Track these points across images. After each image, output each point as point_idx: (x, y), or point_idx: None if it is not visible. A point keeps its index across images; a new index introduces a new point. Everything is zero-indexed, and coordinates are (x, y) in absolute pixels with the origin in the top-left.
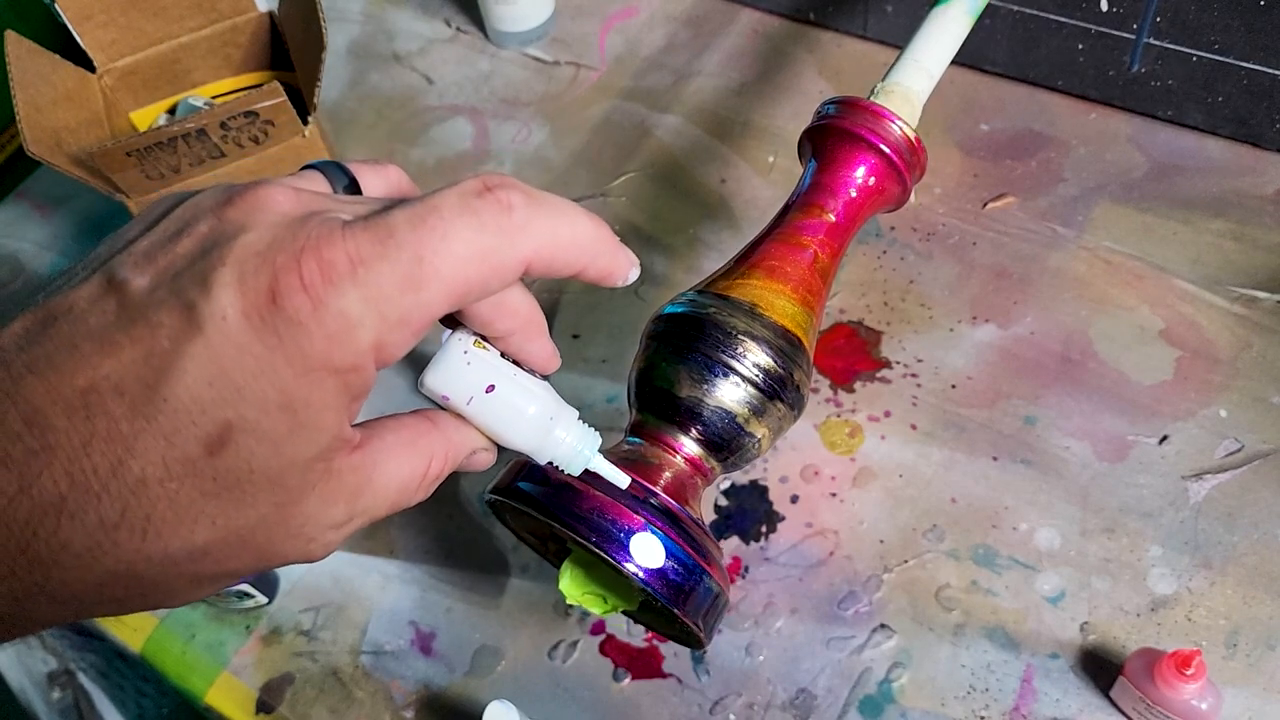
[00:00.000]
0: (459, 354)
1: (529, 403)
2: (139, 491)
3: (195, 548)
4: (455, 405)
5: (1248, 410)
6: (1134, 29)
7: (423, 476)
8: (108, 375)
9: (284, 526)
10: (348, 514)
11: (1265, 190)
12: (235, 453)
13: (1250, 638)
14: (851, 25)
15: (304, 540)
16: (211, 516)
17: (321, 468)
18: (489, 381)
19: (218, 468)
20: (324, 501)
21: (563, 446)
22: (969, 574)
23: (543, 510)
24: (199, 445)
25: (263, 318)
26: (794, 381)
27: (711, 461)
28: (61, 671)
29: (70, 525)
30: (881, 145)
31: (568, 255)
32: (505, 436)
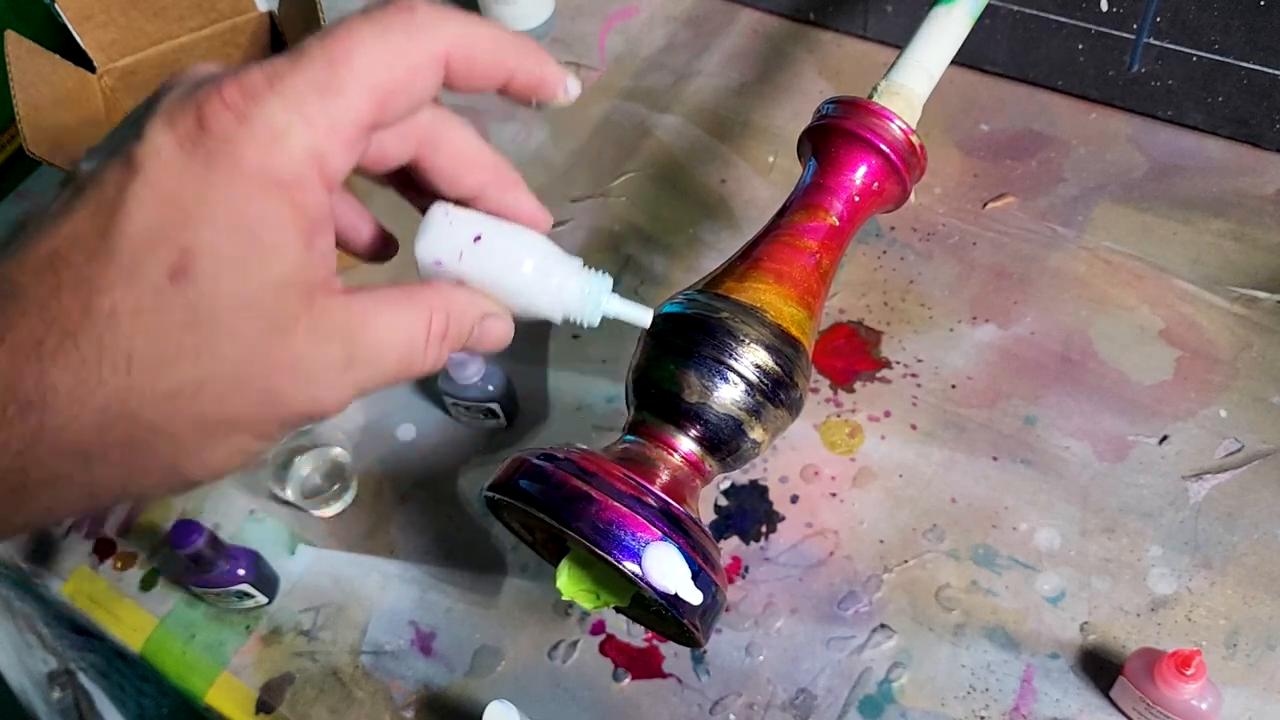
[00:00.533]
0: (441, 215)
1: (523, 252)
2: (112, 327)
3: (185, 382)
4: (449, 267)
5: (1248, 410)
6: (1134, 29)
7: (425, 332)
8: (66, 234)
9: (276, 362)
10: (346, 355)
11: (1265, 190)
12: (199, 279)
13: (1250, 638)
14: (851, 25)
15: (305, 381)
16: (194, 349)
17: (298, 301)
18: (475, 232)
19: (187, 296)
20: (315, 338)
21: (569, 295)
22: (969, 574)
23: (543, 510)
24: (162, 274)
25: (194, 142)
26: (793, 382)
27: (710, 461)
28: (62, 671)
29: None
30: (882, 145)
31: (486, 55)
32: (507, 292)
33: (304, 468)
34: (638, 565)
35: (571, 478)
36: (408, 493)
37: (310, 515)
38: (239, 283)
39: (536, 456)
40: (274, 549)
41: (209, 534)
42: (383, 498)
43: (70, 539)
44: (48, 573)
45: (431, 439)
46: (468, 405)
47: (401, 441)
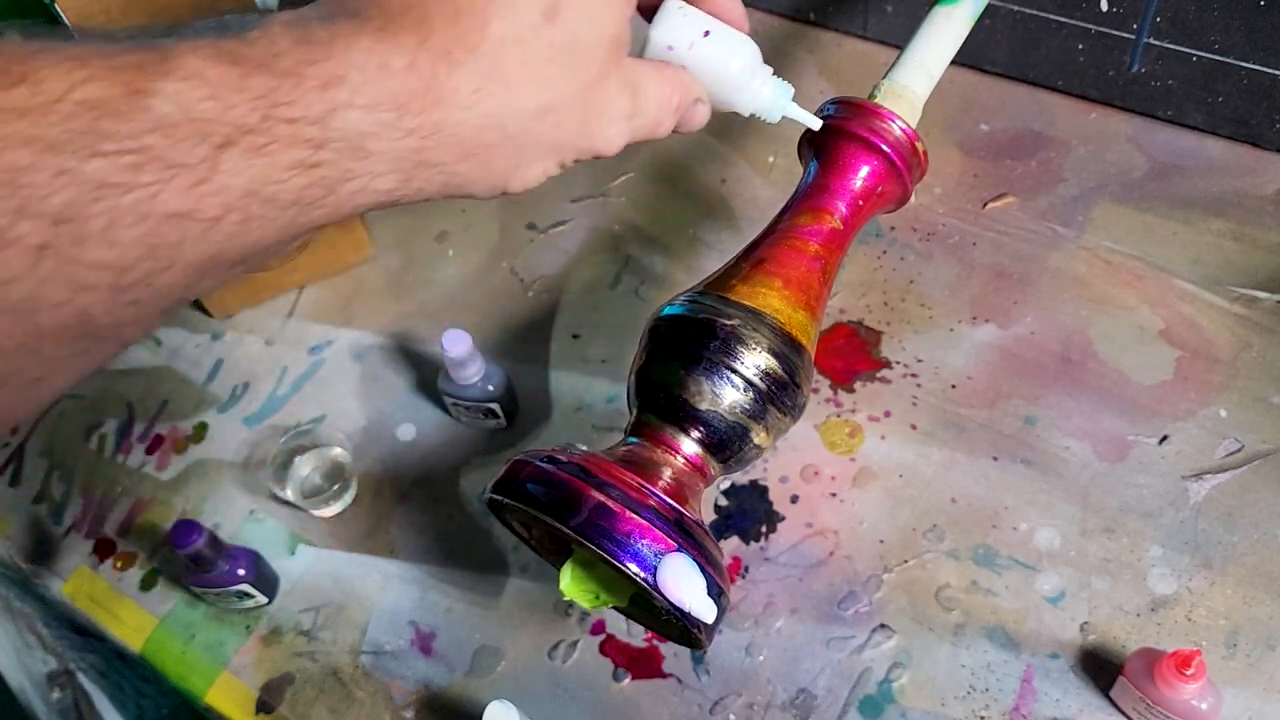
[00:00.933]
0: (676, 9)
1: (737, 51)
2: (501, 50)
3: (541, 104)
4: (679, 54)
5: (1248, 410)
6: (1134, 29)
7: (671, 101)
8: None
9: (597, 102)
10: (631, 108)
11: (1265, 190)
12: (564, 21)
13: (1250, 638)
14: (852, 25)
15: (606, 122)
16: (551, 79)
17: (617, 55)
18: (704, 28)
19: (554, 34)
20: (619, 87)
21: (763, 97)
22: (969, 574)
23: (552, 515)
24: (539, 13)
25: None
26: (796, 385)
27: (712, 463)
28: (61, 672)
29: (458, 72)
30: (884, 147)
31: None
32: (719, 83)
33: (304, 468)
34: (652, 576)
35: (590, 488)
36: (408, 493)
37: (310, 515)
38: (588, 30)
39: (542, 460)
40: (274, 549)
41: (209, 534)
42: (383, 498)
43: (70, 539)
44: (48, 573)
45: (432, 439)
46: (468, 405)
47: (401, 441)
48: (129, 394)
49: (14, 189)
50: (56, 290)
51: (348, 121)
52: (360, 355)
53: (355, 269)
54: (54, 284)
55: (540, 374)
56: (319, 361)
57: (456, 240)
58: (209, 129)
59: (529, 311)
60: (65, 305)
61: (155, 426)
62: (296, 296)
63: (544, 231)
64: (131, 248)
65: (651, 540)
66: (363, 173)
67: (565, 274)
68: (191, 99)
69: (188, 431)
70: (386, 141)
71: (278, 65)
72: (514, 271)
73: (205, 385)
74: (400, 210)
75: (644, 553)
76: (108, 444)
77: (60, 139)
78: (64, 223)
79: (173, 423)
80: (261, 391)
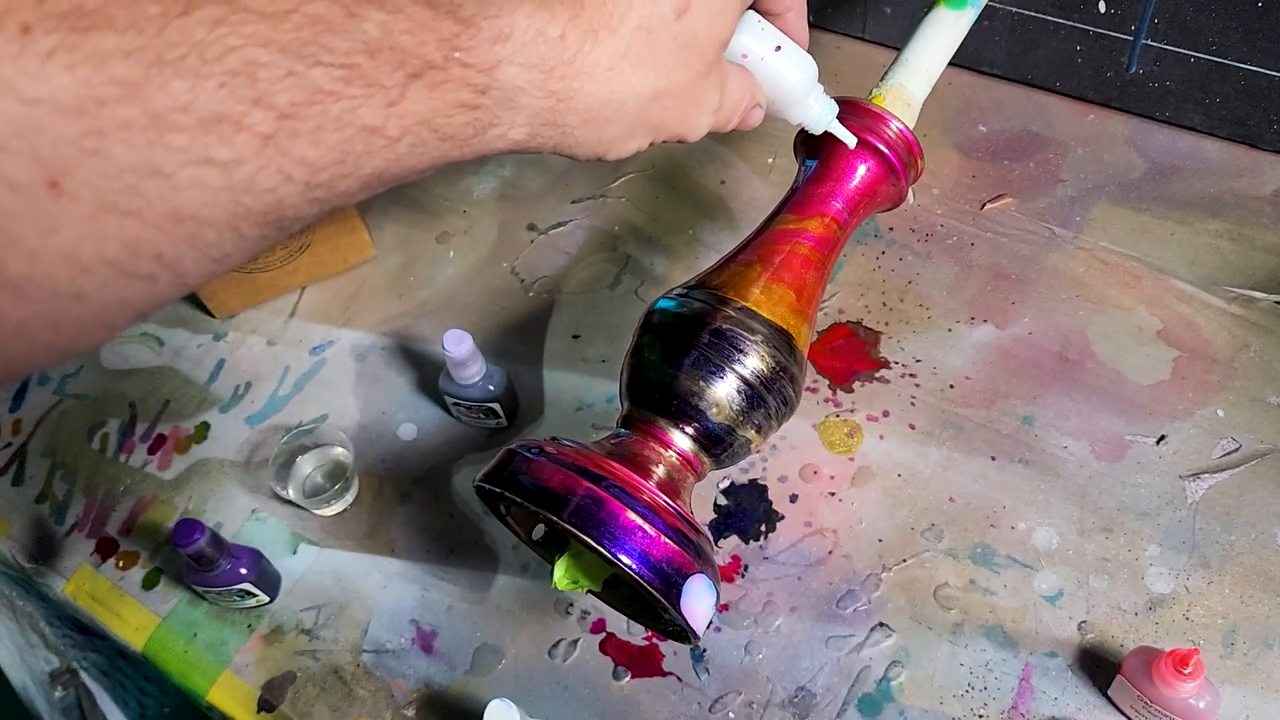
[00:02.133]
0: (755, 22)
1: (800, 67)
2: (635, 36)
3: (657, 89)
4: (751, 61)
5: (1245, 410)
6: (1132, 30)
7: (744, 101)
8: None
9: (697, 94)
10: (718, 102)
11: (1262, 191)
12: (690, 20)
13: (1248, 636)
14: (850, 27)
15: (697, 113)
16: (669, 68)
17: (718, 56)
18: (777, 43)
19: (679, 29)
20: (714, 84)
21: (813, 111)
22: (967, 573)
23: (531, 499)
24: (672, 9)
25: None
26: (788, 380)
27: (704, 458)
28: (64, 670)
29: (599, 49)
30: (881, 147)
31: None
32: (779, 93)
33: (306, 467)
34: (677, 602)
35: (578, 478)
36: (409, 492)
37: (312, 514)
38: (707, 30)
39: (532, 450)
40: (276, 548)
41: (211, 533)
42: (384, 497)
43: (73, 538)
44: (50, 572)
45: (432, 438)
46: (469, 405)
47: (402, 441)
48: (131, 394)
49: (253, 81)
50: (268, 176)
51: (507, 75)
52: (361, 355)
53: (357, 269)
54: (267, 171)
55: (540, 374)
56: (320, 361)
57: (457, 241)
58: (405, 58)
59: (529, 312)
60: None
61: (158, 426)
62: (298, 297)
63: (544, 232)
64: (329, 151)
65: (642, 533)
66: (507, 121)
67: (565, 274)
68: (395, 29)
69: (190, 431)
70: (532, 98)
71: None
72: (514, 272)
73: (207, 385)
74: (401, 211)
75: (633, 545)
76: (110, 443)
77: (292, 44)
78: (287, 118)
79: (175, 422)
80: (263, 391)
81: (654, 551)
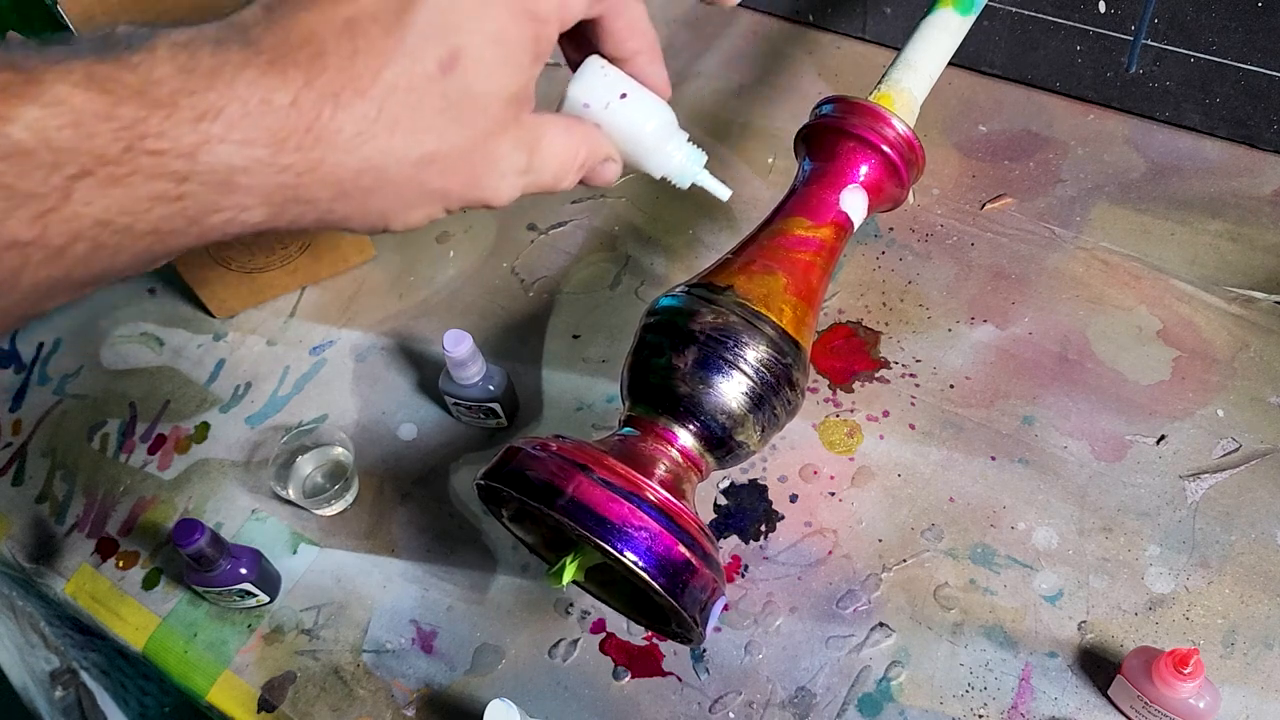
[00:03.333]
0: (597, 68)
1: (652, 115)
2: (391, 96)
3: (426, 153)
4: (594, 111)
5: (1245, 410)
6: (1132, 30)
7: (575, 159)
8: (364, 8)
9: (489, 157)
10: (528, 163)
11: (1262, 191)
12: (461, 75)
13: (1248, 636)
14: (850, 27)
15: (498, 176)
16: (440, 129)
17: (514, 112)
18: (622, 90)
19: (448, 86)
20: (514, 144)
21: (674, 161)
22: (967, 573)
23: (533, 495)
24: (435, 64)
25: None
26: (791, 378)
27: (707, 457)
28: (64, 670)
29: (343, 114)
30: (883, 146)
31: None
32: (631, 144)
33: (306, 467)
34: (683, 600)
35: (579, 476)
36: (409, 492)
37: (312, 514)
38: (486, 85)
39: (534, 448)
40: (276, 548)
41: (211, 533)
42: (384, 497)
43: (73, 538)
44: (50, 572)
45: (433, 438)
46: (469, 405)
47: (403, 441)
48: (131, 394)
49: None
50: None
51: (218, 155)
52: (361, 355)
53: (357, 269)
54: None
55: (540, 374)
56: (320, 361)
57: (457, 241)
58: (64, 158)
59: (529, 312)
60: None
61: (158, 426)
62: (298, 297)
63: (544, 232)
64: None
65: (647, 530)
66: (230, 206)
67: (565, 274)
68: (50, 127)
69: (190, 431)
70: (258, 177)
71: (153, 94)
72: (514, 272)
73: (208, 385)
74: None
75: (639, 542)
76: (110, 443)
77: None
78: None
79: (175, 422)
80: (263, 391)
81: (659, 549)
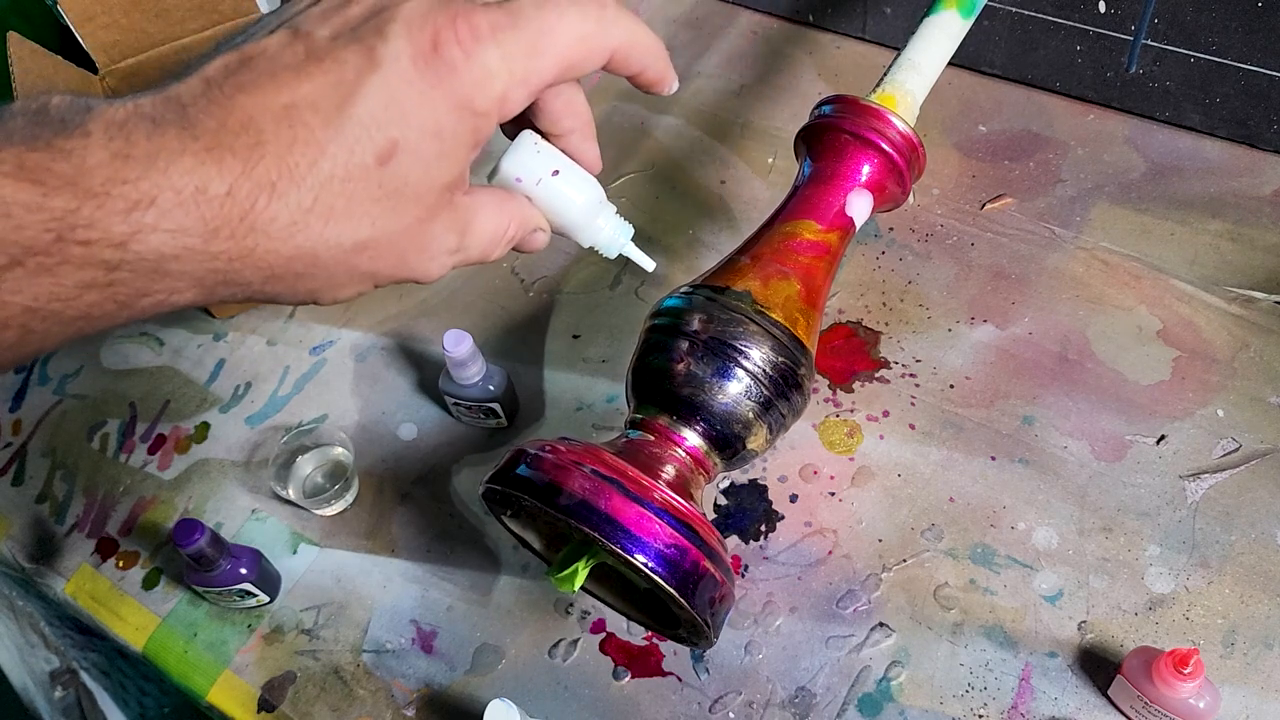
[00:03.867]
0: (530, 144)
1: (581, 191)
2: (327, 186)
3: (359, 241)
4: (525, 186)
5: (1245, 410)
6: (1132, 30)
7: (504, 234)
8: (305, 95)
9: (419, 241)
10: (458, 244)
11: (1262, 191)
12: (397, 166)
13: (1248, 636)
14: (850, 27)
15: (428, 258)
16: (374, 217)
17: (448, 197)
18: (554, 167)
19: (384, 176)
20: (446, 227)
21: (603, 233)
22: (967, 573)
23: (539, 496)
24: (373, 155)
25: (427, 62)
26: (798, 378)
27: (714, 457)
28: (64, 670)
29: (278, 204)
30: (884, 145)
31: (640, 55)
32: (561, 217)
33: (306, 467)
34: (693, 600)
35: (587, 479)
36: (409, 492)
37: (312, 514)
38: (421, 175)
39: (542, 450)
40: (276, 548)
41: (211, 533)
42: (384, 497)
43: (73, 538)
44: (50, 572)
45: (432, 438)
46: (468, 405)
47: (402, 441)
48: (131, 394)
49: None
50: None
51: (150, 244)
52: (361, 355)
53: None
54: None
55: (540, 374)
56: (320, 361)
57: None
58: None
59: (529, 312)
60: None
61: (158, 426)
62: None
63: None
64: None
65: (656, 532)
66: (160, 290)
67: (565, 274)
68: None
69: (190, 431)
70: (189, 264)
71: (85, 183)
72: (514, 272)
73: (208, 385)
74: None
75: (649, 544)
76: (110, 443)
77: None
78: None
79: (175, 422)
80: (263, 391)
81: (669, 551)
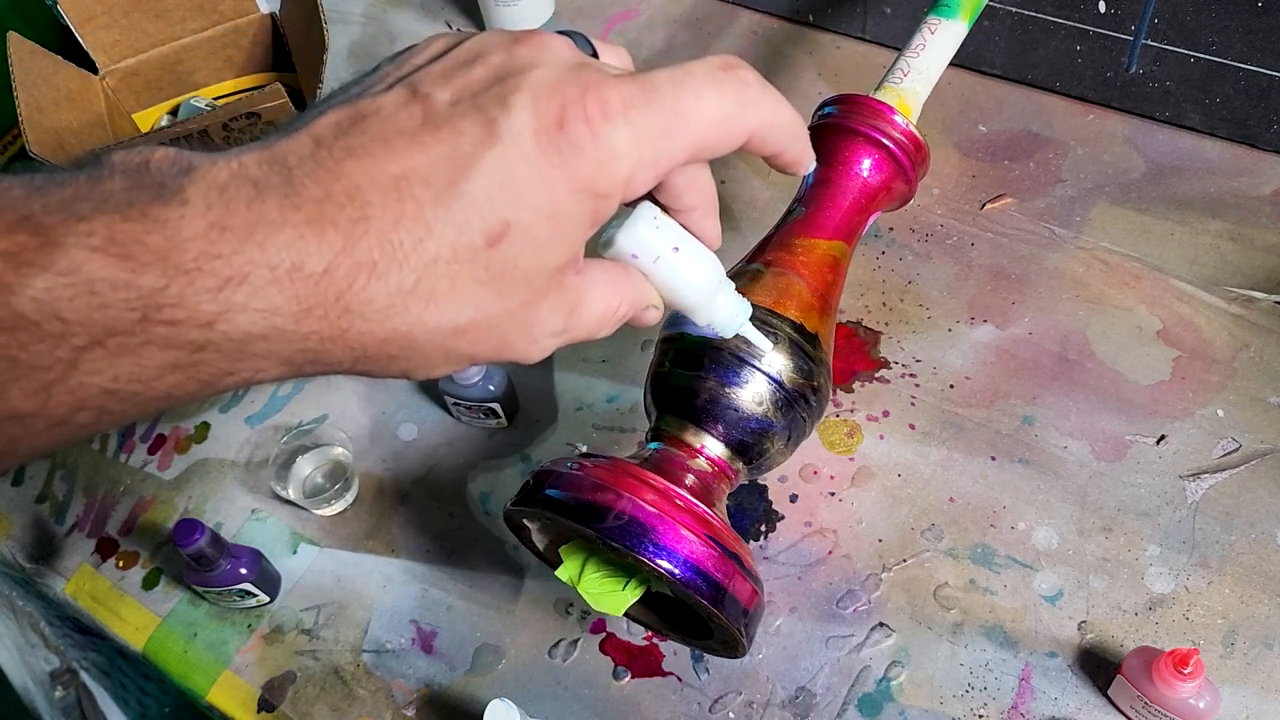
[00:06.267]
0: (649, 218)
1: (701, 269)
2: (431, 268)
3: (459, 325)
4: (642, 263)
5: (1245, 410)
6: (1131, 30)
7: (614, 313)
8: (416, 167)
9: (523, 323)
10: (564, 325)
11: (1262, 191)
12: (507, 249)
13: (1248, 637)
14: (850, 27)
15: (530, 340)
16: (477, 301)
17: (558, 280)
18: (674, 244)
19: (491, 259)
20: (553, 309)
21: (721, 312)
22: (967, 573)
23: (572, 515)
24: (482, 237)
25: (550, 139)
26: (816, 381)
27: (736, 464)
28: (64, 670)
29: (377, 284)
30: (889, 144)
31: (778, 137)
32: (676, 295)
33: (306, 467)
34: (723, 609)
35: (623, 495)
36: (409, 492)
37: (312, 514)
38: (532, 260)
39: (572, 466)
40: (276, 548)
41: (211, 533)
42: (384, 497)
43: (73, 538)
44: (50, 572)
45: (433, 438)
46: (469, 405)
47: (403, 441)
48: None
49: None
50: None
51: (238, 324)
52: None
53: None
54: None
55: (540, 374)
56: None
57: None
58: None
59: None
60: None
61: (158, 426)
62: None
63: None
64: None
65: (686, 542)
66: (246, 369)
67: None
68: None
69: (190, 431)
70: (277, 344)
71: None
72: None
73: None
74: None
75: (679, 554)
76: (110, 443)
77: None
78: None
79: (175, 422)
80: (263, 391)
81: (701, 561)
